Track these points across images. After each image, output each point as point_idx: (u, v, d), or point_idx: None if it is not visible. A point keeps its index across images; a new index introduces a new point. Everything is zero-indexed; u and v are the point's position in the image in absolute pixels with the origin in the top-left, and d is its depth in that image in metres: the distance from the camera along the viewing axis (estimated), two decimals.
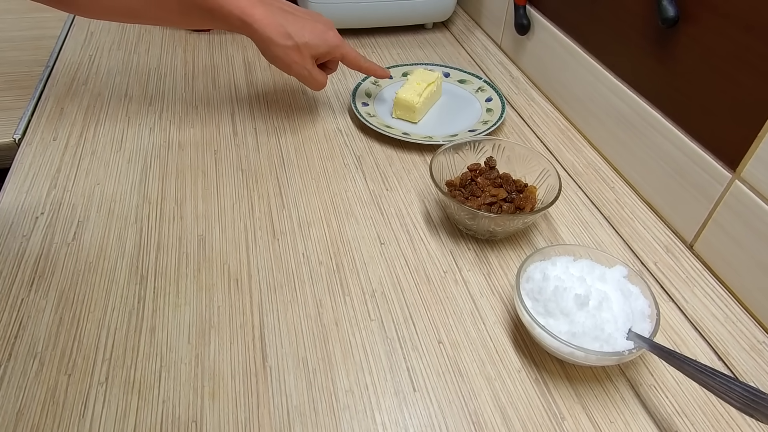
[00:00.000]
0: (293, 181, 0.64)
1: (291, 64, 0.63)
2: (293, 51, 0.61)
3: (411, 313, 0.50)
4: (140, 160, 0.65)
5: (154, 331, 0.47)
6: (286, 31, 0.60)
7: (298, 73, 0.64)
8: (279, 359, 0.46)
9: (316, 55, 0.64)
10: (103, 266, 0.53)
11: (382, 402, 0.43)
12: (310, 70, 0.64)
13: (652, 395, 0.45)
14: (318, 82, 0.66)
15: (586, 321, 0.44)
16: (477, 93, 0.79)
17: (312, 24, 0.63)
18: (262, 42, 0.61)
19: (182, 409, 0.42)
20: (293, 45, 0.61)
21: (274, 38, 0.60)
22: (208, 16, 0.59)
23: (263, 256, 0.54)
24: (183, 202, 0.60)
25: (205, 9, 0.58)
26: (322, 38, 0.63)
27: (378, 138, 0.71)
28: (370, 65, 0.70)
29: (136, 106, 0.74)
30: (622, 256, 0.57)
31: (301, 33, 0.61)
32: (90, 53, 0.86)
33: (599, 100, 0.68)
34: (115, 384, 0.43)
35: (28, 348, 0.46)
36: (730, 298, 0.52)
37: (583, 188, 0.65)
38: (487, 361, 0.47)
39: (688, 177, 0.56)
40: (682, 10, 0.54)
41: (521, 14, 0.81)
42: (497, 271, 0.54)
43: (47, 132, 0.69)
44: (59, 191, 0.60)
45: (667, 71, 0.58)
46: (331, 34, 0.65)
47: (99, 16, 0.62)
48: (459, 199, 0.56)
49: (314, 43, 0.63)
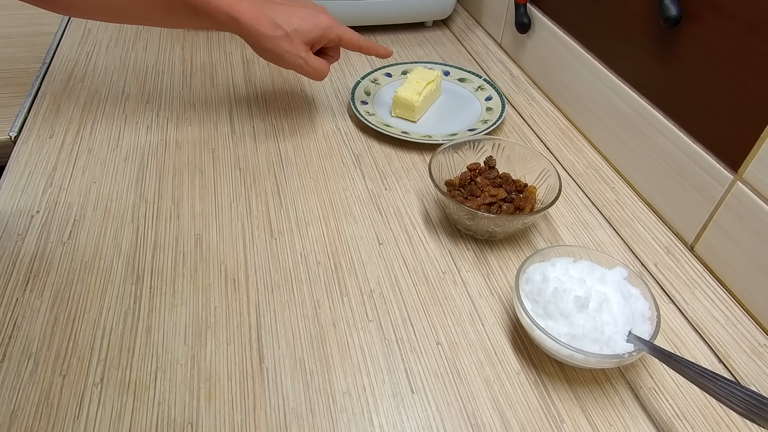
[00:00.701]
0: (291, 180, 0.63)
1: (283, 55, 0.60)
2: (283, 40, 0.59)
3: (409, 314, 0.50)
4: (137, 158, 0.65)
5: (150, 331, 0.47)
6: (273, 22, 0.58)
7: (293, 62, 0.61)
8: (276, 360, 0.45)
9: (309, 41, 0.61)
10: (98, 266, 0.52)
11: (380, 404, 0.43)
12: (305, 58, 0.61)
13: (652, 398, 0.44)
14: (317, 69, 0.63)
15: (585, 323, 0.43)
16: (477, 92, 0.78)
17: (300, 10, 0.61)
18: (251, 36, 0.59)
19: (178, 411, 0.42)
20: (282, 34, 0.59)
21: (263, 30, 0.58)
22: (193, 14, 0.57)
23: (260, 256, 0.54)
24: (180, 201, 0.59)
25: (191, 6, 0.56)
26: (312, 22, 0.61)
27: (377, 137, 0.71)
28: (369, 44, 0.67)
29: (134, 103, 0.74)
30: (622, 257, 0.56)
31: (289, 21, 0.59)
32: (87, 50, 0.85)
33: (600, 100, 0.68)
34: (110, 385, 0.43)
35: (22, 348, 0.45)
36: (731, 300, 0.52)
37: (584, 188, 0.65)
38: (485, 363, 0.46)
39: (690, 178, 0.56)
40: (684, 9, 0.54)
41: (522, 12, 0.80)
42: (496, 271, 0.54)
43: (43, 130, 0.68)
44: (55, 190, 0.60)
45: (668, 71, 0.57)
46: (323, 17, 0.62)
47: (82, 14, 0.60)
48: (458, 199, 0.55)
49: (304, 28, 0.60)
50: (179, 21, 0.60)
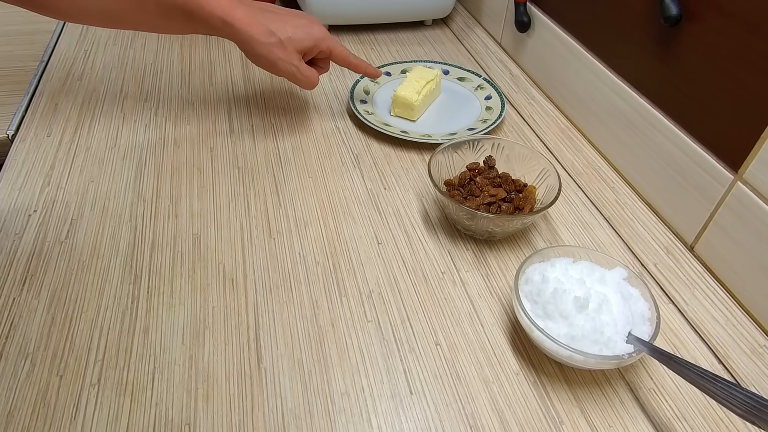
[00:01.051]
0: (290, 179, 0.63)
1: (276, 62, 0.61)
2: (277, 47, 0.60)
3: (408, 315, 0.49)
4: (135, 157, 0.64)
5: (147, 331, 0.47)
6: (268, 29, 0.59)
7: (285, 69, 0.62)
8: (274, 361, 0.45)
9: (301, 50, 0.62)
10: (96, 265, 0.52)
11: (379, 405, 0.43)
12: (297, 66, 0.62)
13: (652, 399, 0.44)
14: (308, 78, 0.64)
15: (585, 324, 0.43)
16: (476, 91, 0.78)
17: (294, 20, 0.62)
18: (245, 42, 0.59)
19: (175, 412, 0.41)
20: (276, 41, 0.60)
21: (257, 36, 0.59)
22: (188, 20, 0.58)
23: (259, 256, 0.54)
24: (178, 200, 0.59)
25: (186, 11, 0.57)
26: (305, 32, 0.62)
27: (376, 136, 0.71)
28: (359, 62, 0.68)
29: (132, 102, 0.74)
30: (621, 257, 0.56)
31: (284, 29, 0.60)
32: (85, 48, 0.85)
33: (600, 99, 0.68)
34: (107, 386, 0.43)
35: (19, 348, 0.45)
36: (730, 301, 0.52)
37: (583, 188, 0.64)
38: (484, 364, 0.46)
39: (690, 178, 0.55)
40: (685, 8, 0.54)
41: (522, 11, 0.80)
42: (496, 272, 0.54)
43: (41, 128, 0.68)
44: (53, 189, 0.60)
45: (669, 70, 0.57)
46: (316, 28, 0.63)
47: (75, 19, 0.60)
48: (457, 198, 0.55)
49: (298, 37, 0.61)
50: (174, 26, 0.60)
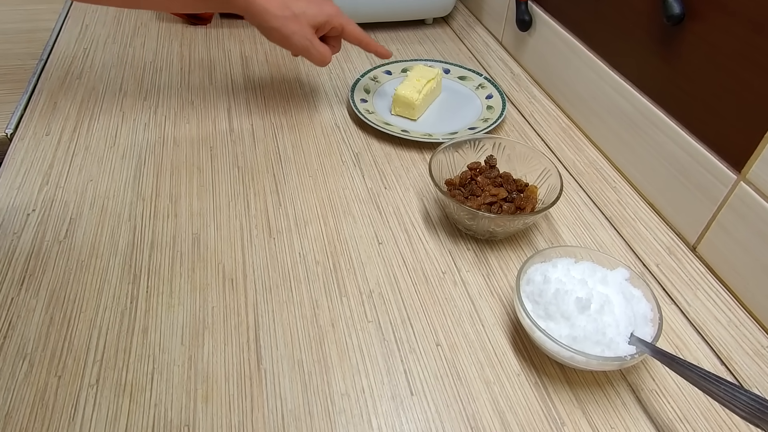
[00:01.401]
0: (290, 178, 0.63)
1: (290, 35, 0.62)
2: (291, 21, 0.61)
3: (409, 315, 0.49)
4: (134, 156, 0.64)
5: (146, 331, 0.46)
6: (282, 2, 0.60)
7: (299, 43, 0.63)
8: (274, 361, 0.45)
9: (314, 25, 0.63)
10: (95, 265, 0.52)
11: (379, 406, 0.42)
12: (311, 41, 0.63)
13: (654, 400, 0.44)
14: (321, 54, 0.65)
15: (587, 325, 0.43)
16: (477, 90, 0.78)
17: None
18: (259, 15, 0.60)
19: (174, 413, 0.41)
20: (291, 15, 0.61)
21: (271, 9, 0.60)
22: None
23: (259, 255, 0.53)
24: (177, 199, 0.59)
25: None
26: (318, 7, 0.63)
27: (377, 135, 0.70)
28: (370, 41, 0.69)
29: (131, 100, 0.73)
30: (623, 257, 0.56)
31: (297, 3, 0.61)
32: (85, 46, 0.84)
33: (602, 99, 0.67)
34: (106, 386, 0.43)
35: (17, 349, 0.45)
36: (733, 302, 0.52)
37: (585, 188, 0.64)
38: (485, 364, 0.46)
39: (692, 178, 0.55)
40: (688, 7, 0.53)
41: (523, 10, 0.80)
42: (497, 272, 0.54)
43: (40, 127, 0.68)
44: (51, 188, 0.59)
45: (671, 70, 0.57)
46: (328, 4, 0.64)
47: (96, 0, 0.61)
48: (458, 198, 0.55)
49: (311, 12, 0.62)
50: (188, 3, 0.62)
